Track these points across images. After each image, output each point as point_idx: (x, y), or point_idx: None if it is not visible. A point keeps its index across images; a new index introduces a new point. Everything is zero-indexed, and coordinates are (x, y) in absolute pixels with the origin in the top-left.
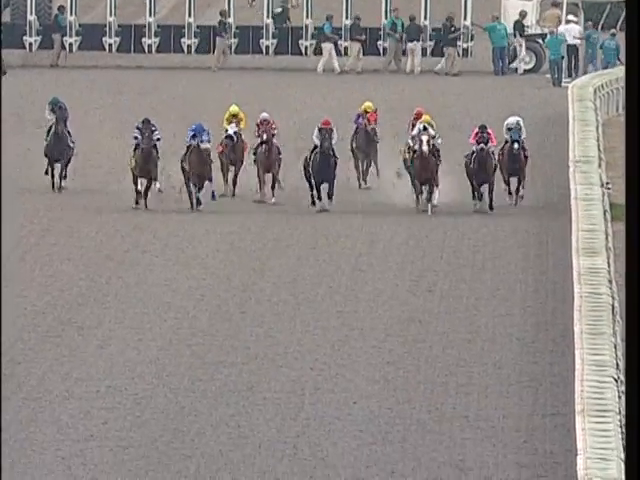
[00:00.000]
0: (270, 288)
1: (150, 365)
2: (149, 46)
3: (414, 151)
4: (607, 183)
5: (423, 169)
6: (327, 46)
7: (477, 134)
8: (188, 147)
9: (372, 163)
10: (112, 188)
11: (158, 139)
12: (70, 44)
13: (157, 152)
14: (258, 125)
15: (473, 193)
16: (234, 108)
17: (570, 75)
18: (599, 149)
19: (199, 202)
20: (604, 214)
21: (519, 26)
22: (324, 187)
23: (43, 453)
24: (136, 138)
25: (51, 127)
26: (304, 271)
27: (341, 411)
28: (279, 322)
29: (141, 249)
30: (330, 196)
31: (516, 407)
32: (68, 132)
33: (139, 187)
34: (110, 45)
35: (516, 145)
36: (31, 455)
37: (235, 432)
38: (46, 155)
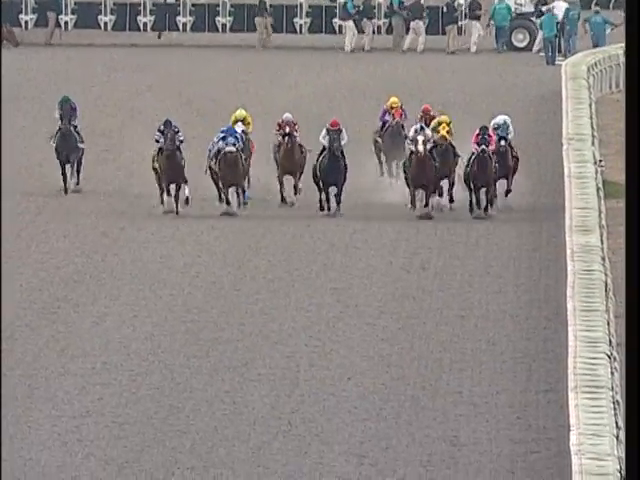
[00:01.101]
0: (265, 265)
1: (145, 342)
2: (144, 24)
3: (411, 152)
4: (600, 161)
5: (420, 172)
6: (349, 24)
7: (478, 135)
8: (218, 151)
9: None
10: (107, 167)
11: (181, 141)
12: (65, 22)
13: (182, 154)
14: (280, 125)
15: (470, 199)
16: (240, 112)
17: (559, 52)
18: (592, 127)
19: (228, 203)
20: (597, 192)
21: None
22: (333, 191)
23: (39, 429)
24: (157, 141)
25: (59, 127)
26: (299, 248)
27: (335, 387)
28: (274, 299)
29: (136, 226)
30: (338, 201)
31: (509, 383)
32: (77, 132)
33: (165, 194)
34: (105, 23)
35: (502, 142)
36: (27, 431)
37: (230, 408)
38: (57, 157)
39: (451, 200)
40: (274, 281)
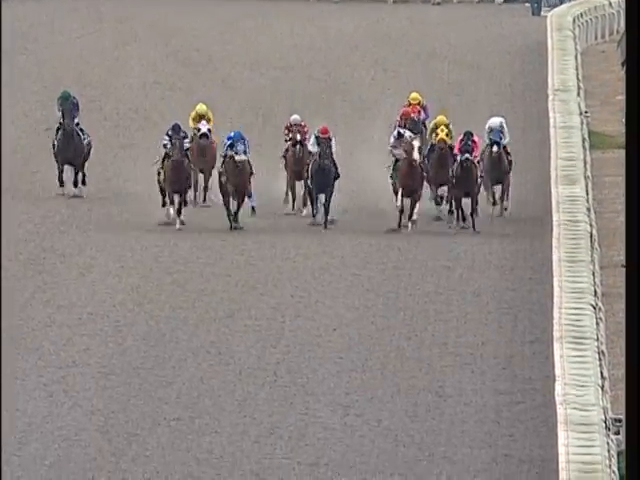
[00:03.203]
0: (251, 217)
1: (131, 292)
2: None
3: (396, 160)
4: (586, 112)
5: (408, 180)
6: None
7: (461, 141)
8: (224, 157)
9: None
10: (93, 117)
11: (188, 148)
12: None
13: (190, 162)
14: (288, 128)
15: (450, 209)
16: (201, 107)
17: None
18: (578, 78)
19: (236, 219)
20: (583, 142)
21: None
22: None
23: (25, 380)
24: (165, 146)
25: (59, 125)
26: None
27: (321, 338)
28: (260, 250)
29: (123, 178)
30: (326, 210)
31: (495, 334)
32: (80, 129)
33: (168, 203)
34: None
35: (495, 147)
36: (13, 382)
37: (216, 359)
38: (56, 158)
39: (474, 226)
40: (260, 232)
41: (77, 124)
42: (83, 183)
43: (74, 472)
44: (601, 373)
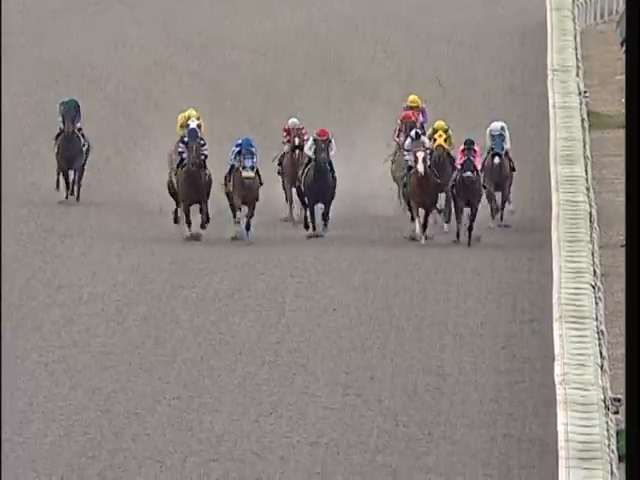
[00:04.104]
0: None
1: (132, 272)
2: None
3: (409, 167)
4: (585, 92)
5: (421, 190)
6: None
7: (463, 152)
8: (232, 167)
9: None
10: (94, 98)
11: (206, 156)
12: None
13: (206, 172)
14: (286, 131)
15: (447, 219)
16: (190, 112)
17: None
18: (577, 58)
19: (242, 234)
20: (582, 122)
21: None
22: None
23: (26, 359)
24: (181, 153)
25: (60, 130)
26: None
27: (321, 318)
28: (259, 230)
29: (123, 157)
30: (326, 220)
31: (494, 314)
32: (82, 134)
33: (179, 213)
34: None
35: (497, 160)
36: (14, 361)
37: (216, 339)
38: (58, 163)
39: (469, 242)
40: (260, 213)
41: (79, 129)
42: (78, 185)
43: (75, 451)
44: (600, 352)
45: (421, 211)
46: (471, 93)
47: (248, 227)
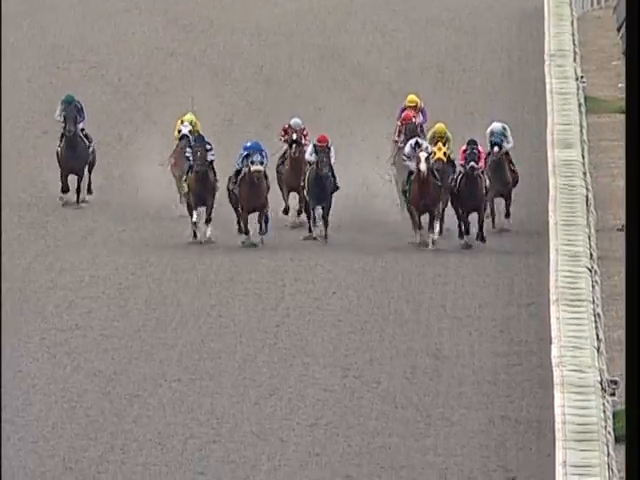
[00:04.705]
0: None
1: (133, 256)
2: None
3: (410, 172)
4: (582, 77)
5: (422, 194)
6: None
7: (465, 151)
8: (238, 171)
9: None
10: (95, 83)
11: (212, 161)
12: None
13: (215, 175)
14: (285, 130)
15: (459, 226)
16: (188, 117)
17: None
18: (574, 43)
19: (247, 232)
20: (579, 107)
21: None
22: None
23: (29, 342)
24: (188, 159)
25: (62, 132)
26: None
27: (320, 301)
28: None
29: (124, 142)
30: (325, 222)
31: (492, 297)
32: (85, 135)
33: (195, 217)
34: None
35: (496, 148)
36: (16, 344)
37: (216, 322)
38: (59, 165)
39: (482, 239)
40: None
41: (82, 129)
42: (89, 192)
43: (77, 433)
44: (597, 335)
45: (424, 217)
46: (469, 78)
47: (262, 230)
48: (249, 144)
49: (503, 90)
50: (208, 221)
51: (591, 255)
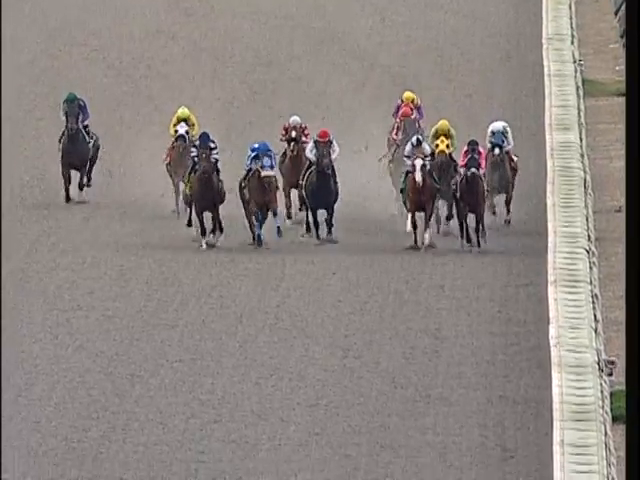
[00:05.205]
0: None
1: (134, 237)
2: None
3: (406, 173)
4: (580, 60)
5: (417, 199)
6: None
7: (466, 153)
8: (248, 171)
9: None
10: (97, 66)
11: (216, 160)
12: None
13: (218, 176)
14: (285, 129)
15: (461, 229)
16: (183, 112)
17: None
18: (572, 26)
19: (260, 239)
20: (577, 90)
21: None
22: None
23: (31, 322)
24: (193, 158)
25: (65, 129)
26: None
27: (320, 282)
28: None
29: (126, 125)
30: (329, 225)
31: (490, 278)
32: (86, 132)
33: (196, 231)
34: None
35: (497, 150)
36: (19, 324)
37: (217, 302)
38: (61, 161)
39: (478, 243)
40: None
41: (85, 126)
42: (88, 185)
43: (79, 412)
44: (594, 316)
45: (419, 216)
46: (467, 61)
47: (259, 238)
48: (257, 145)
49: (501, 73)
50: (214, 231)
51: (589, 236)
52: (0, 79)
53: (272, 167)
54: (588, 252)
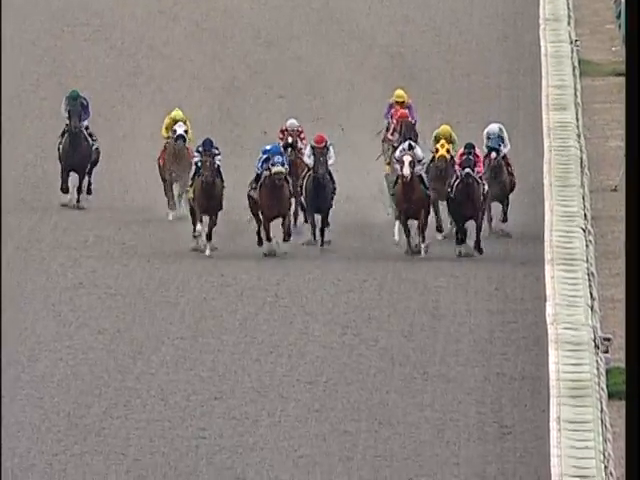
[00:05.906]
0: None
1: (137, 215)
2: None
3: (396, 179)
4: (576, 40)
5: (406, 199)
6: None
7: (462, 155)
8: (258, 175)
9: None
10: (99, 47)
11: (219, 166)
12: None
13: (222, 182)
14: (283, 132)
15: (456, 234)
16: (177, 113)
17: None
18: (568, 7)
19: (269, 239)
20: (573, 70)
21: None
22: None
23: (34, 300)
24: (196, 164)
25: (66, 128)
26: None
27: (320, 260)
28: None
29: (127, 104)
30: (323, 229)
31: (488, 256)
32: (89, 134)
33: (198, 226)
34: None
35: (493, 154)
36: (22, 302)
37: (218, 280)
38: (61, 162)
39: (479, 249)
40: None
41: (87, 127)
42: (88, 192)
43: (81, 389)
44: (590, 293)
45: (411, 223)
46: (465, 42)
47: (286, 237)
48: (268, 147)
49: (499, 53)
50: (209, 237)
51: (585, 215)
52: (0, 60)
53: (283, 164)
54: (584, 231)
